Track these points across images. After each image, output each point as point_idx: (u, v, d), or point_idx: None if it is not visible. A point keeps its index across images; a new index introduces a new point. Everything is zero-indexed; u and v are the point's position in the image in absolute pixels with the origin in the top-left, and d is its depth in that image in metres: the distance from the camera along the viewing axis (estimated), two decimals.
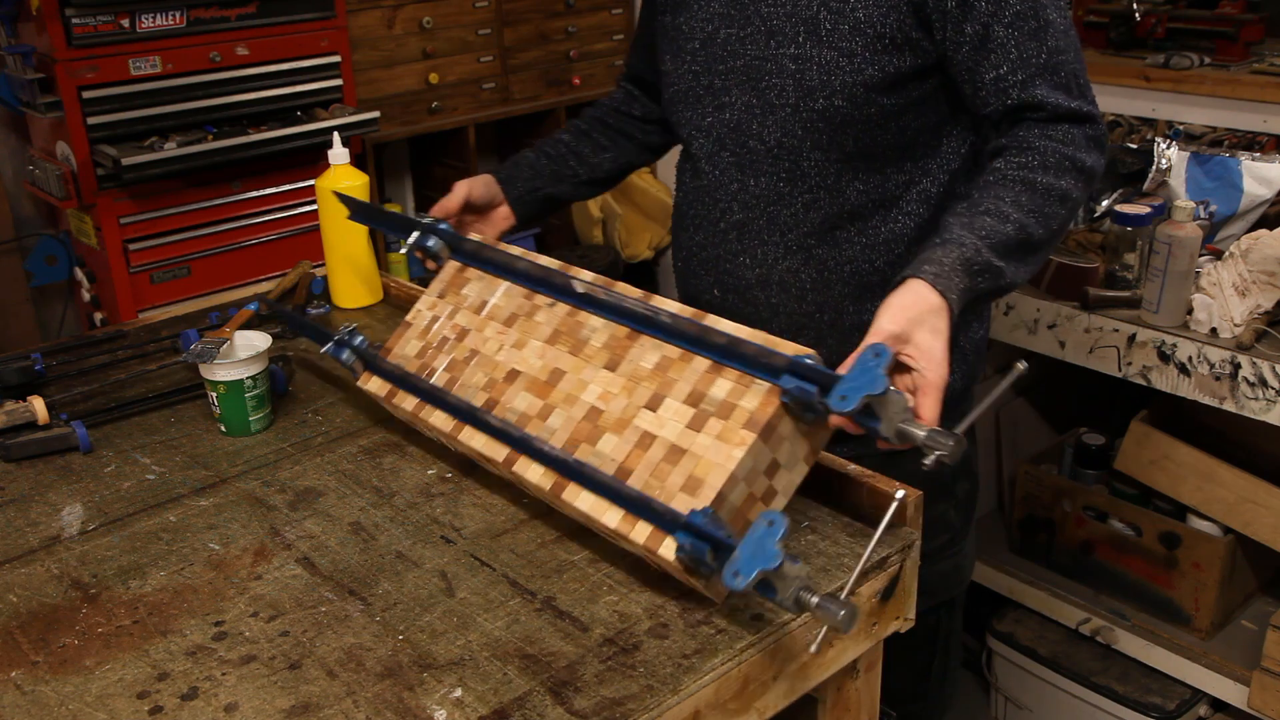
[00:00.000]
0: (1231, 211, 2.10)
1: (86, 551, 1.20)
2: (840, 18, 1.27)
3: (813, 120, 1.32)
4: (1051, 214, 1.23)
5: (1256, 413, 1.85)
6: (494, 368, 1.28)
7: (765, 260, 1.41)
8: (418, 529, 1.22)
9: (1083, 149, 1.26)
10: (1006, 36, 1.24)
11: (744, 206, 1.41)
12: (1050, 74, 1.25)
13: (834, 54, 1.28)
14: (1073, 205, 1.26)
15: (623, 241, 3.60)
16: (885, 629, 1.16)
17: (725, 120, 1.40)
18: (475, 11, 3.16)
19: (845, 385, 0.99)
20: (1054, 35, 1.25)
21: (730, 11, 1.36)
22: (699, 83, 1.42)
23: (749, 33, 1.34)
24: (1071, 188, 1.25)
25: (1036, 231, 1.21)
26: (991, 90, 1.27)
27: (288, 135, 2.62)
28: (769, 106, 1.34)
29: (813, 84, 1.30)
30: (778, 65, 1.32)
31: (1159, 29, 2.80)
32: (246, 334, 1.46)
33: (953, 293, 1.11)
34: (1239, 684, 2.05)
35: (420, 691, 0.97)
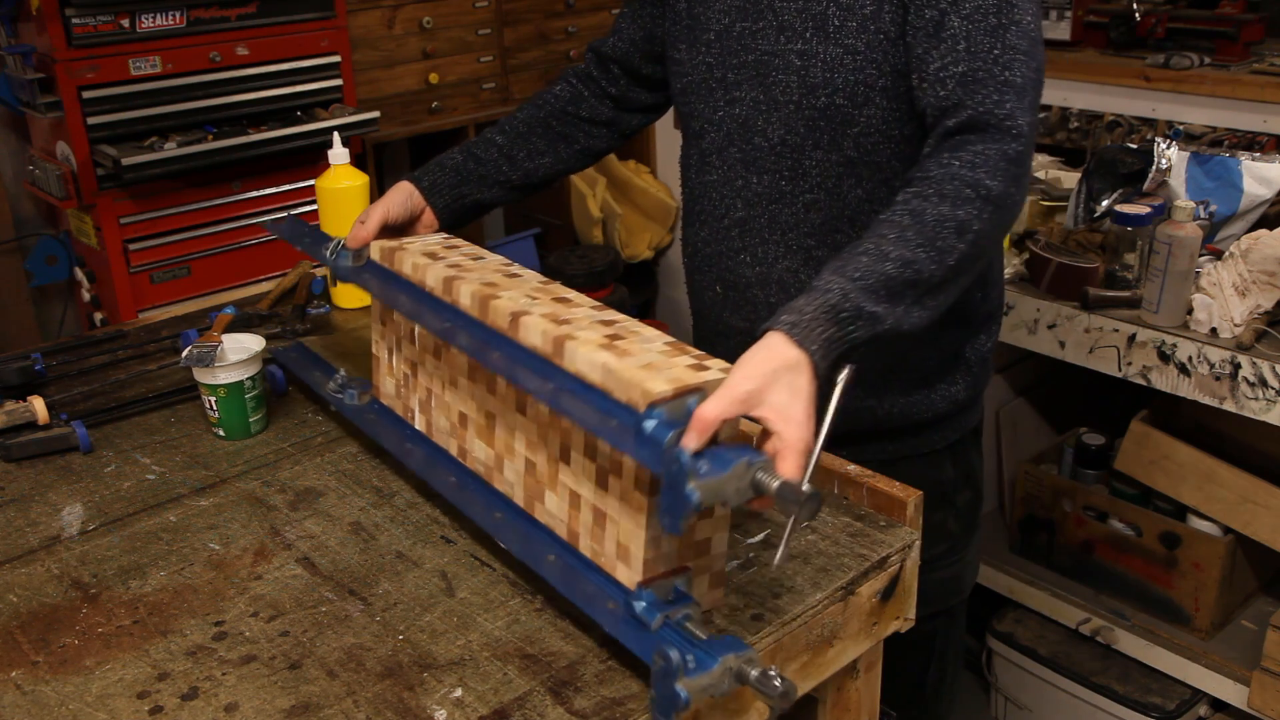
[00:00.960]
0: (1231, 211, 2.10)
1: (86, 551, 1.20)
2: (848, 14, 1.27)
3: (814, 118, 1.31)
4: (948, 247, 1.11)
5: (1256, 413, 1.85)
6: (448, 409, 1.26)
7: (765, 259, 1.41)
8: (418, 529, 1.22)
9: (992, 173, 1.15)
10: (960, 27, 1.20)
11: (747, 204, 1.40)
12: (999, 68, 1.18)
13: (839, 50, 1.28)
14: (977, 235, 1.14)
15: (623, 241, 3.60)
16: (885, 629, 1.16)
17: (735, 115, 1.38)
18: (475, 11, 3.16)
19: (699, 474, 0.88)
20: (1015, 35, 1.19)
21: (746, 5, 1.35)
22: (712, 75, 1.40)
23: (761, 27, 1.33)
24: (972, 217, 1.13)
25: (928, 268, 1.10)
26: (932, 81, 1.21)
27: (288, 135, 2.62)
28: (774, 103, 1.34)
29: (816, 81, 1.30)
30: (785, 61, 1.31)
31: (1159, 29, 2.80)
32: (236, 336, 1.46)
33: (813, 344, 1.00)
34: (1239, 684, 2.05)
35: (420, 691, 0.97)
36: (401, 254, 1.30)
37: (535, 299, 1.14)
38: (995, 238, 1.19)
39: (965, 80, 1.19)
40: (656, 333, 1.06)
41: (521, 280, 1.20)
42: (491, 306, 1.13)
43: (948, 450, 1.47)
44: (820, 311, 1.03)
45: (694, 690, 0.89)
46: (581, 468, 1.06)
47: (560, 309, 1.11)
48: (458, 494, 1.20)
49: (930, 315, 1.12)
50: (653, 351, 1.01)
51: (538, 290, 1.17)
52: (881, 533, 1.16)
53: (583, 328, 1.06)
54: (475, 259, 1.27)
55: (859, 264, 1.08)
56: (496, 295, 1.14)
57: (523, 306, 1.11)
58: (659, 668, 0.90)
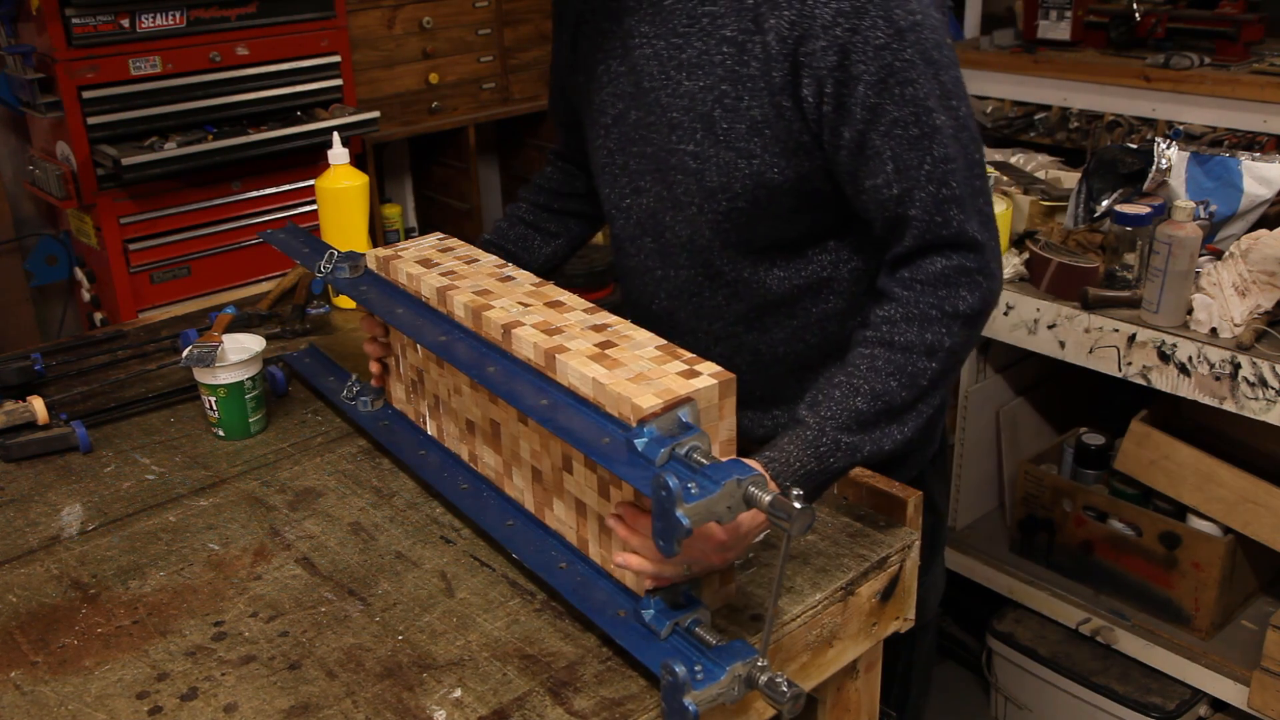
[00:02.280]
0: (1231, 211, 2.10)
1: (86, 551, 1.20)
2: (736, 116, 1.18)
3: (718, 221, 1.25)
4: (918, 370, 1.14)
5: (1256, 413, 1.85)
6: (455, 416, 1.26)
7: (697, 347, 1.28)
8: (417, 529, 1.22)
9: (957, 289, 1.15)
10: (883, 145, 1.13)
11: (669, 295, 1.36)
12: (935, 185, 1.14)
13: (732, 154, 1.20)
14: (949, 353, 1.16)
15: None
16: (885, 629, 1.16)
17: (642, 205, 1.33)
18: (475, 11, 3.17)
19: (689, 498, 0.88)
20: (940, 143, 1.13)
21: (636, 93, 1.27)
22: (614, 161, 1.35)
23: (652, 121, 1.26)
24: (941, 337, 1.15)
25: (900, 395, 1.13)
26: (871, 198, 1.17)
27: (288, 135, 2.62)
28: (677, 202, 1.28)
29: (713, 185, 1.23)
30: (680, 161, 1.24)
31: (1159, 29, 2.80)
32: (236, 337, 1.46)
33: (788, 477, 1.08)
34: (1239, 684, 2.05)
35: (420, 691, 0.97)
36: (397, 263, 1.29)
37: (527, 305, 1.13)
38: (970, 345, 1.20)
39: (904, 201, 1.15)
40: (648, 336, 1.05)
41: (515, 284, 1.19)
42: (485, 319, 1.13)
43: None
44: (802, 447, 1.10)
45: (703, 702, 0.91)
46: (584, 478, 1.06)
47: (552, 316, 1.11)
48: (471, 501, 1.21)
49: (912, 429, 1.16)
50: (644, 359, 1.01)
51: (530, 295, 1.16)
52: (881, 533, 1.16)
53: (574, 336, 1.06)
54: (469, 262, 1.27)
55: (832, 400, 1.13)
56: (489, 306, 1.14)
57: (515, 316, 1.11)
58: (667, 682, 0.91)
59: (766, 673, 0.92)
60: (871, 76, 1.11)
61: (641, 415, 0.93)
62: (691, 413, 0.94)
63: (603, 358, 1.02)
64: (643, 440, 0.92)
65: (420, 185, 3.48)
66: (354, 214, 1.76)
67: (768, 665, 0.93)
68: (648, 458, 0.91)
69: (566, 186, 1.59)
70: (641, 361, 1.00)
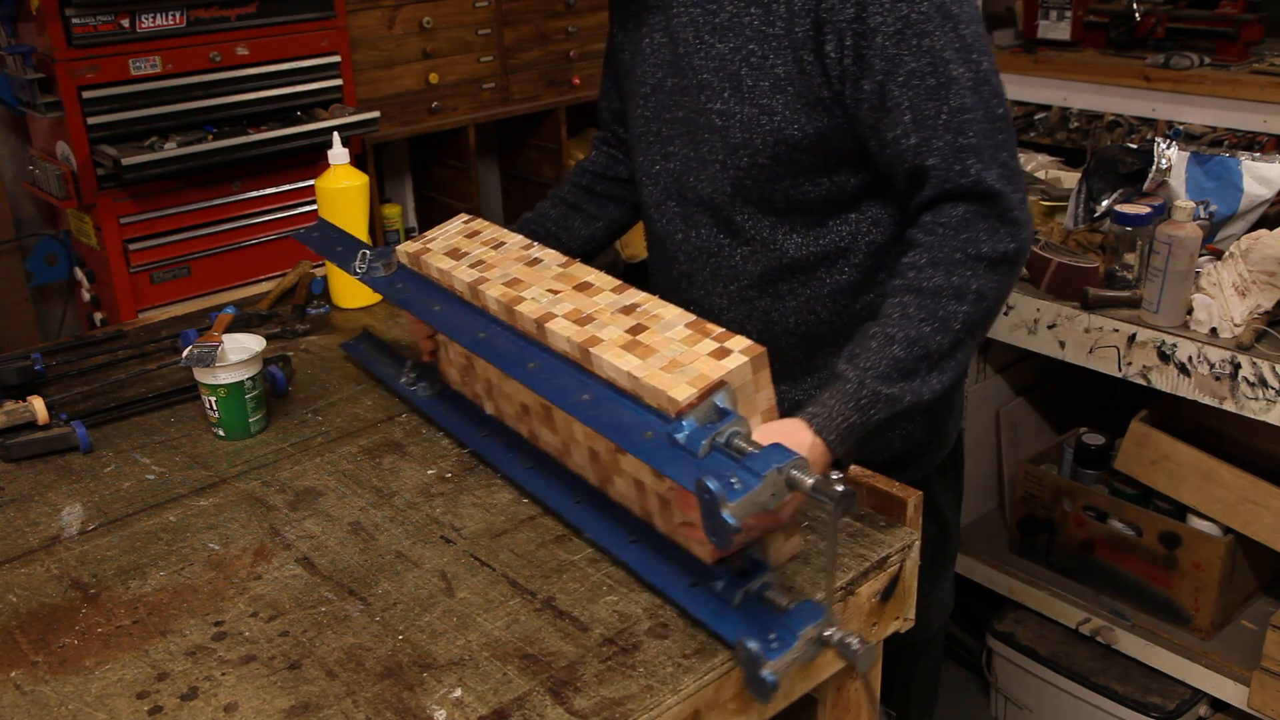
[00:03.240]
0: (1231, 211, 2.10)
1: (86, 551, 1.20)
2: (760, 74, 1.24)
3: (740, 177, 1.30)
4: (951, 314, 1.16)
5: (1256, 413, 1.85)
6: (509, 399, 1.29)
7: (711, 310, 1.40)
8: (418, 529, 1.22)
9: (978, 232, 1.17)
10: (901, 96, 1.17)
11: (689, 257, 1.40)
12: (952, 135, 1.17)
13: (755, 111, 1.25)
14: (979, 296, 1.17)
15: (623, 241, 3.61)
16: (885, 629, 1.16)
17: (670, 170, 1.38)
18: (475, 11, 3.16)
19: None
20: (958, 93, 1.16)
21: (671, 61, 1.34)
22: (649, 129, 1.40)
23: (685, 85, 1.32)
24: (968, 280, 1.16)
25: (935, 340, 1.15)
26: (892, 151, 1.20)
27: (288, 135, 2.61)
28: (703, 161, 1.33)
29: (736, 141, 1.28)
30: (707, 120, 1.30)
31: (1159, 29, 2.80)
32: (236, 337, 1.46)
33: (831, 432, 1.11)
34: (1239, 684, 2.05)
35: (420, 691, 0.97)
36: (427, 257, 1.31)
37: (557, 292, 1.15)
38: (1000, 292, 1.19)
39: (921, 151, 1.18)
40: (678, 314, 1.07)
41: (543, 267, 1.21)
42: (517, 314, 1.15)
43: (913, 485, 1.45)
44: (843, 400, 1.12)
45: (779, 669, 0.95)
46: (633, 461, 1.09)
47: (582, 301, 1.12)
48: (537, 483, 1.23)
49: (951, 377, 1.18)
50: (675, 341, 1.03)
51: (559, 279, 1.18)
52: (881, 533, 1.16)
53: (605, 324, 1.07)
54: (497, 246, 1.28)
55: (869, 351, 1.15)
56: (520, 298, 1.16)
57: (546, 307, 1.13)
58: (743, 658, 0.96)
59: (837, 631, 0.97)
60: (889, 28, 1.16)
61: (678, 408, 0.95)
62: (728, 396, 0.97)
63: (635, 345, 1.03)
64: (683, 434, 0.95)
65: (420, 185, 3.47)
66: (354, 214, 1.76)
67: (837, 622, 0.98)
68: (690, 451, 0.94)
69: (610, 170, 1.63)
70: (673, 345, 1.02)
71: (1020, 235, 1.19)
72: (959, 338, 1.17)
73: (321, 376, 1.60)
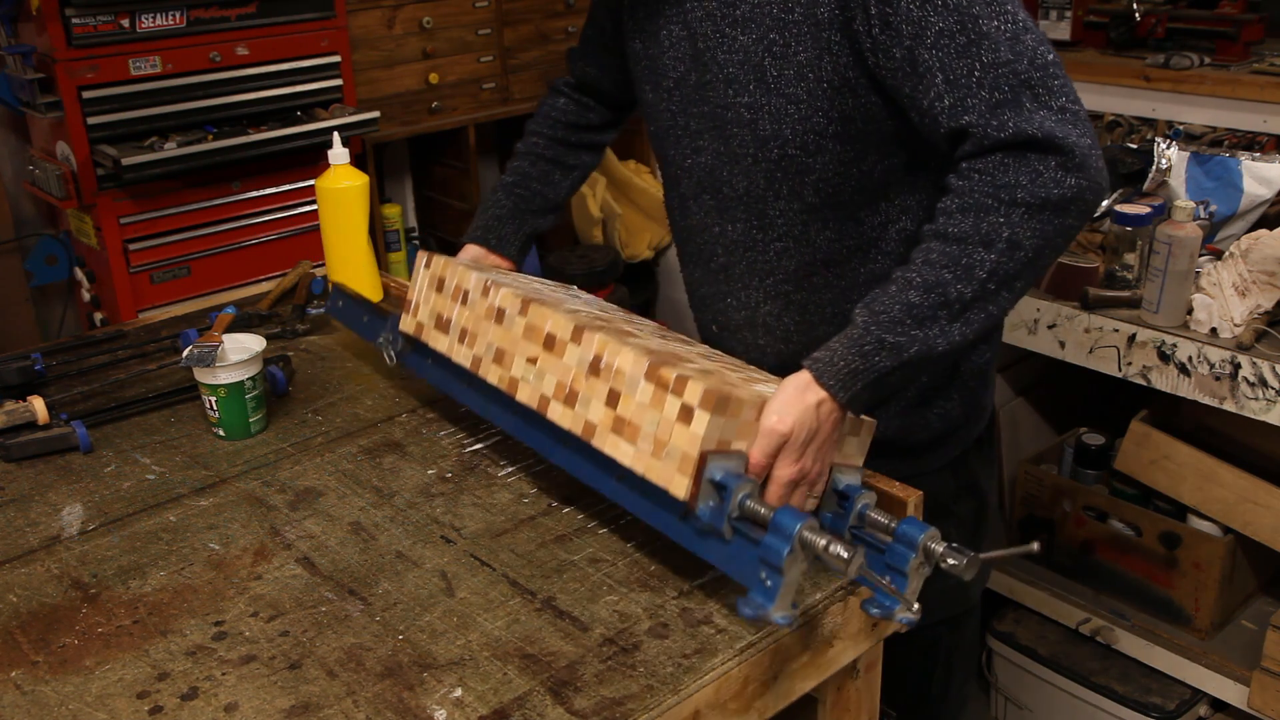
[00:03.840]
0: (1231, 211, 2.10)
1: (86, 551, 1.20)
2: (784, 63, 1.23)
3: (771, 170, 1.29)
4: (974, 262, 1.10)
5: (1256, 413, 1.85)
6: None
7: (749, 304, 1.40)
8: (418, 529, 1.22)
9: (1016, 176, 1.10)
10: (931, 58, 1.13)
11: (725, 250, 1.40)
12: (986, 91, 1.12)
13: (781, 101, 1.24)
14: (1011, 244, 1.10)
15: (623, 241, 3.60)
16: (885, 629, 1.16)
17: (702, 164, 1.37)
18: (475, 11, 3.16)
19: None
20: (990, 49, 1.11)
21: (694, 56, 1.32)
22: (676, 123, 1.39)
23: (709, 79, 1.31)
24: (999, 227, 1.10)
25: (955, 288, 1.09)
26: (930, 118, 1.17)
27: (288, 135, 2.62)
28: (734, 155, 1.32)
29: (765, 133, 1.27)
30: (736, 114, 1.29)
31: (1159, 29, 2.80)
32: (236, 337, 1.46)
33: (832, 378, 1.08)
34: (1239, 684, 2.05)
35: (420, 691, 0.97)
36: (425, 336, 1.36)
37: (534, 360, 1.19)
38: (1044, 239, 1.11)
39: (955, 113, 1.14)
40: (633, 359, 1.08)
41: (510, 321, 1.23)
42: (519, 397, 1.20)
43: (948, 466, 1.45)
44: (845, 347, 1.10)
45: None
46: None
47: (557, 367, 1.16)
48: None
49: (975, 330, 1.12)
50: (645, 405, 1.06)
51: (528, 337, 1.20)
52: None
53: (588, 398, 1.12)
54: (465, 300, 1.31)
55: (887, 296, 1.12)
56: (515, 380, 1.21)
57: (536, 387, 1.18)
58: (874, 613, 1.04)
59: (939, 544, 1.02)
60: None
61: (684, 500, 1.01)
62: (719, 464, 1.00)
63: (621, 425, 1.08)
64: (703, 523, 1.01)
65: (420, 185, 3.47)
66: (354, 214, 1.76)
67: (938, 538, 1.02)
68: (718, 536, 1.01)
69: (582, 119, 1.65)
70: (646, 413, 1.05)
71: (1080, 172, 1.10)
72: (985, 287, 1.10)
73: (321, 376, 1.60)
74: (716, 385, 1.01)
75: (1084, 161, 1.10)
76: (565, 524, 1.21)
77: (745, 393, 1.05)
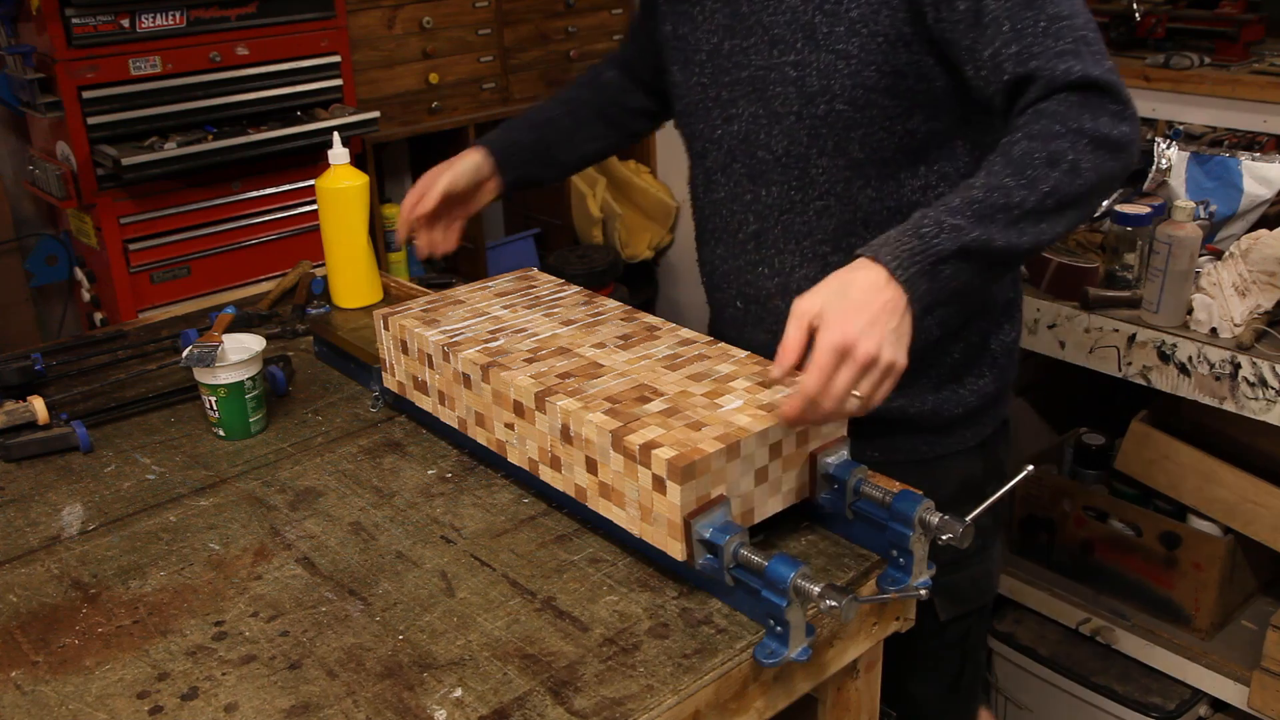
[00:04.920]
0: (1231, 211, 2.10)
1: (86, 551, 1.20)
2: (835, 20, 1.26)
3: (816, 126, 1.30)
4: (1041, 175, 1.10)
5: (1256, 413, 1.85)
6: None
7: (783, 269, 1.39)
8: (418, 529, 1.22)
9: (1081, 111, 1.13)
10: (999, 8, 1.17)
11: (758, 217, 1.39)
12: (1051, 40, 1.15)
13: (831, 57, 1.27)
14: (1073, 168, 1.11)
15: (623, 241, 3.60)
16: (885, 629, 1.16)
17: (734, 132, 1.38)
18: (475, 11, 3.16)
19: None
20: (1053, 2, 1.16)
21: (733, 23, 1.34)
22: (707, 95, 1.40)
23: (752, 43, 1.33)
24: (1065, 150, 1.11)
25: (1019, 193, 1.09)
26: (990, 68, 1.19)
27: (288, 135, 2.62)
28: (774, 115, 1.33)
29: (813, 89, 1.28)
30: (780, 74, 1.30)
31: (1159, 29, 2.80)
32: (236, 337, 1.46)
33: (889, 256, 1.06)
34: (1239, 684, 2.05)
35: (420, 691, 0.97)
36: (413, 397, 1.39)
37: (511, 426, 1.22)
38: (1103, 173, 1.13)
39: (1022, 58, 1.16)
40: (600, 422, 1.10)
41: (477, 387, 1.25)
42: (509, 457, 1.25)
43: (979, 446, 1.46)
44: (903, 232, 1.08)
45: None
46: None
47: (530, 431, 1.19)
48: None
49: (1030, 241, 1.10)
50: (621, 474, 1.08)
51: (497, 401, 1.23)
52: None
53: (571, 463, 1.15)
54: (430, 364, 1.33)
55: (945, 198, 1.12)
56: (502, 442, 1.24)
57: (521, 450, 1.22)
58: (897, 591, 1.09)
59: (931, 512, 1.05)
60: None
61: (681, 560, 1.04)
62: (705, 523, 1.03)
63: (607, 490, 1.11)
64: (710, 574, 1.04)
65: None
66: (354, 214, 1.76)
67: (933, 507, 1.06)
68: (720, 579, 1.04)
69: (624, 98, 1.65)
70: (625, 482, 1.08)
71: (1132, 125, 1.15)
72: (1045, 201, 1.10)
73: (321, 376, 1.60)
74: (681, 447, 1.03)
75: (1133, 116, 1.17)
76: (565, 524, 1.21)
77: (713, 432, 1.06)
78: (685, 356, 1.23)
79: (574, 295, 1.42)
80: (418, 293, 1.84)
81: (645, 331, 1.30)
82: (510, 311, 1.37)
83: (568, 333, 1.30)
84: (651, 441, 1.05)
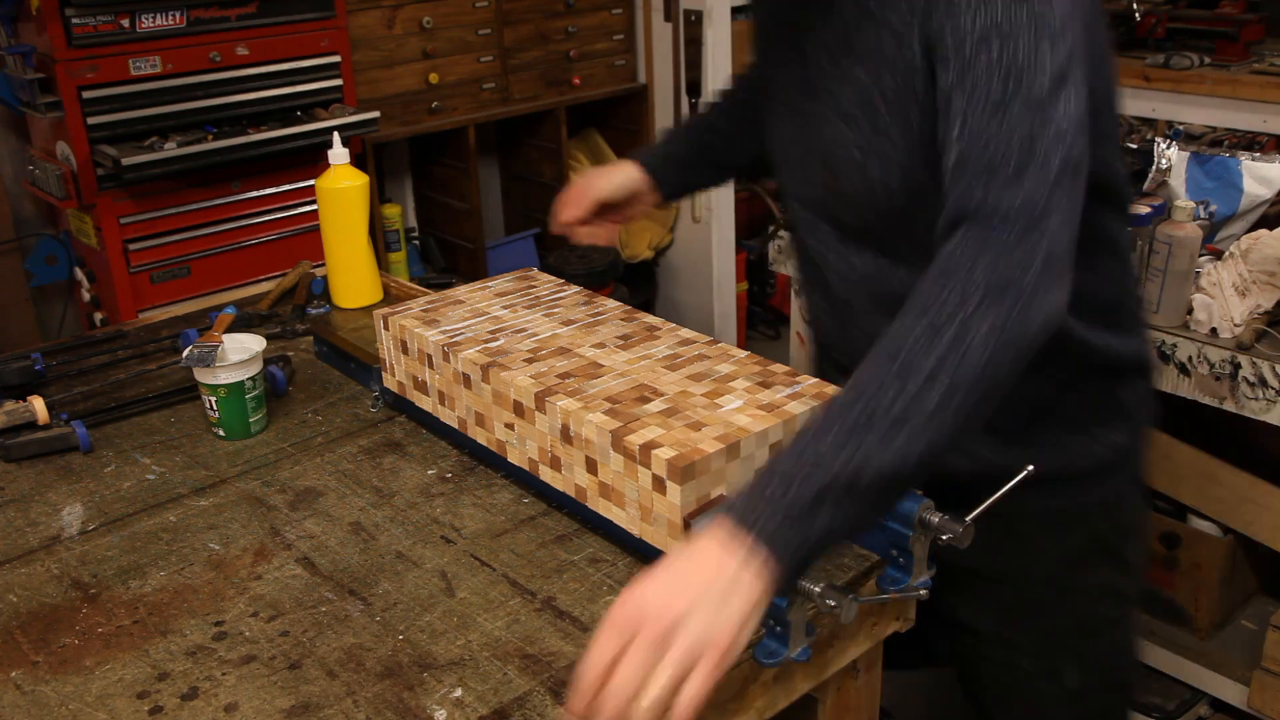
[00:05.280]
0: (1231, 211, 2.10)
1: (86, 551, 1.20)
2: (890, 105, 1.11)
3: (885, 212, 1.18)
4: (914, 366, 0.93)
5: (1256, 413, 1.85)
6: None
7: (875, 334, 1.20)
8: (418, 529, 1.22)
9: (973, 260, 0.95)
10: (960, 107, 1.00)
11: (843, 280, 1.28)
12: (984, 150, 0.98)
13: (887, 145, 1.13)
14: (960, 329, 0.93)
15: (622, 241, 3.61)
16: (885, 629, 1.16)
17: (817, 197, 1.28)
18: (475, 11, 3.16)
19: None
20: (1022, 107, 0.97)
21: (804, 81, 1.23)
22: (790, 152, 1.30)
23: (819, 110, 1.20)
24: (951, 314, 0.94)
25: (888, 396, 0.92)
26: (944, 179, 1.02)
27: (288, 135, 2.62)
28: (843, 195, 1.21)
29: (874, 180, 1.15)
30: (847, 154, 1.17)
31: (1159, 29, 2.80)
32: (236, 337, 1.46)
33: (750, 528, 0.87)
34: (1239, 684, 2.05)
35: (420, 691, 0.97)
36: (413, 397, 1.40)
37: (511, 426, 1.23)
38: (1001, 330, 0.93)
39: (951, 172, 1.01)
40: (599, 423, 1.10)
41: (477, 387, 1.26)
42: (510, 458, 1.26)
43: (1113, 504, 1.31)
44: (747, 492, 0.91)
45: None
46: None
47: (531, 431, 1.20)
48: None
49: (925, 444, 0.91)
50: (621, 474, 1.09)
51: (497, 402, 1.23)
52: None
53: (571, 464, 1.16)
54: (431, 364, 1.33)
55: (801, 440, 0.92)
56: (503, 443, 1.25)
57: (521, 450, 1.23)
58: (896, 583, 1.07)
59: (931, 512, 1.04)
60: None
61: None
62: (704, 521, 1.01)
63: (607, 490, 1.12)
64: None
65: (420, 185, 3.48)
66: (354, 214, 1.76)
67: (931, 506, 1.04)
68: None
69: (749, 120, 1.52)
70: (625, 483, 1.09)
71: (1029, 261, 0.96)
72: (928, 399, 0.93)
73: (321, 376, 1.60)
74: (681, 448, 1.04)
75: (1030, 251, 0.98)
76: (565, 524, 1.21)
77: (713, 433, 1.06)
78: (685, 357, 1.23)
79: (574, 295, 1.42)
80: (418, 293, 1.84)
81: (645, 331, 1.30)
82: (510, 311, 1.37)
83: (568, 333, 1.30)
84: (651, 442, 1.05)
